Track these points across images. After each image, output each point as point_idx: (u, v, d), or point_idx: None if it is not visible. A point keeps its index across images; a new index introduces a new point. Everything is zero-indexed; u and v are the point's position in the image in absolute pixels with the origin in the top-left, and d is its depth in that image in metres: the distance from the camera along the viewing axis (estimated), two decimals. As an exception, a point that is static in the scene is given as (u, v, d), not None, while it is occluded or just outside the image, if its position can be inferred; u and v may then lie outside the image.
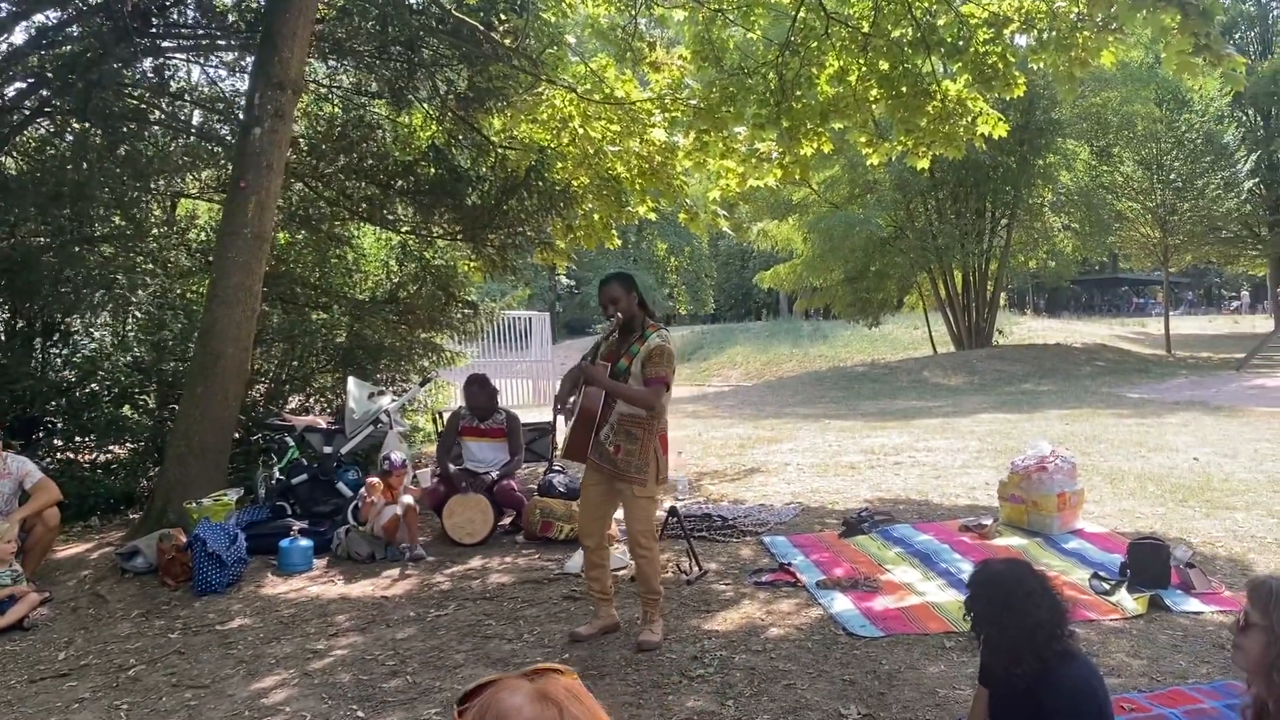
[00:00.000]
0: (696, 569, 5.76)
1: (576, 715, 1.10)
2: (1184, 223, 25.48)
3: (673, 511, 6.06)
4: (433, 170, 9.80)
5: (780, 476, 8.78)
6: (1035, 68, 8.27)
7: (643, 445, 4.58)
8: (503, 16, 9.02)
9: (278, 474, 7.40)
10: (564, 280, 52.57)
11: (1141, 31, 6.77)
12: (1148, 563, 5.04)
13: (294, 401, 10.36)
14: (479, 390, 7.17)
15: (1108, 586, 5.05)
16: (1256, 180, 27.06)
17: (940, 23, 8.19)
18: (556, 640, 4.81)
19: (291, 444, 7.79)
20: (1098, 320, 41.91)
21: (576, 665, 4.44)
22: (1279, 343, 20.33)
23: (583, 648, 4.67)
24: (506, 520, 7.13)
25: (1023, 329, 31.32)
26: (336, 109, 10.30)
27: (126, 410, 8.79)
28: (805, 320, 38.29)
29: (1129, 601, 4.83)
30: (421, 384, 9.18)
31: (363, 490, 6.62)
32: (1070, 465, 6.36)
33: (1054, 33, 7.58)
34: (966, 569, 5.55)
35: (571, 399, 4.70)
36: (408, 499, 6.41)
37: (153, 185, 9.53)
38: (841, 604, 5.05)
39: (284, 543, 6.23)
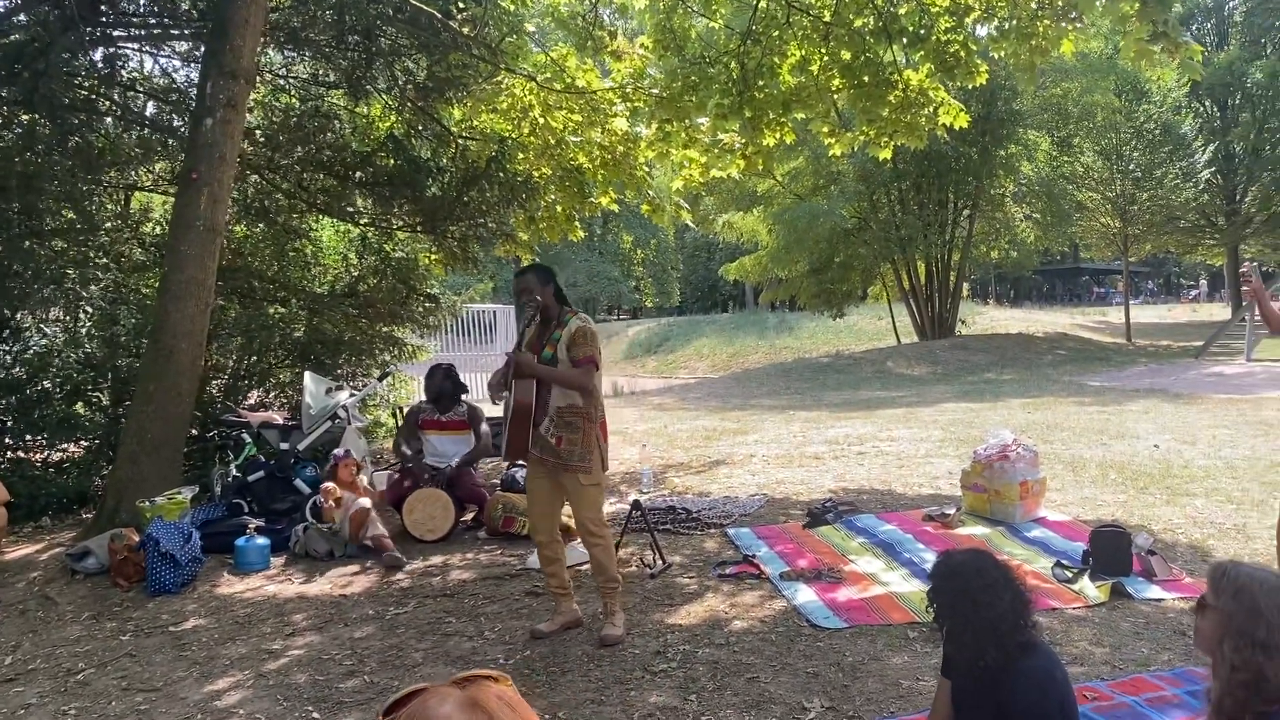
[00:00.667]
0: (660, 562, 5.71)
1: None
2: (1143, 212, 25.78)
3: (636, 505, 6.00)
4: (392, 161, 9.66)
5: (745, 468, 8.75)
6: (996, 57, 8.26)
7: (584, 434, 4.55)
8: (461, 4, 8.90)
9: (234, 471, 7.26)
10: (530, 275, 52.38)
11: (1100, 21, 6.78)
12: (1109, 550, 5.06)
13: (253, 397, 10.20)
14: (444, 379, 7.06)
15: (1070, 575, 5.06)
16: (1214, 171, 27.43)
17: (902, 11, 8.17)
18: (518, 637, 4.75)
19: (248, 441, 7.66)
20: (1059, 309, 42.38)
21: (538, 662, 4.39)
22: (1237, 331, 20.58)
23: (544, 644, 4.61)
24: (468, 516, 7.04)
25: (985, 319, 31.59)
26: (293, 100, 10.12)
27: (79, 408, 8.60)
28: (771, 312, 38.39)
29: (1091, 589, 4.84)
30: (380, 378, 9.05)
31: (318, 496, 6.50)
32: (1032, 454, 6.38)
33: (1015, 21, 7.59)
34: (930, 559, 5.53)
35: (504, 392, 4.65)
36: (365, 502, 6.28)
37: (104, 178, 9.32)
38: (805, 595, 5.02)
39: (240, 541, 6.11)
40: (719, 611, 4.95)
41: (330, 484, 6.45)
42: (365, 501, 6.26)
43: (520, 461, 4.95)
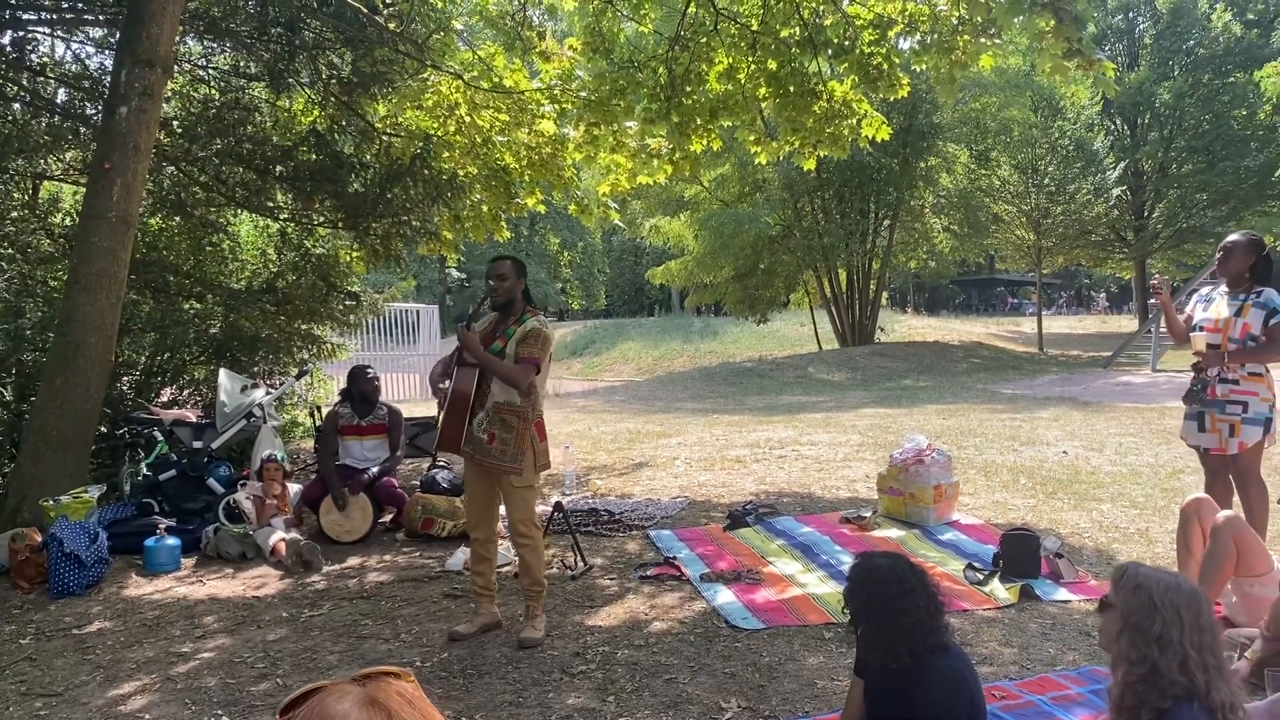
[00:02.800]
0: (582, 564, 5.71)
1: None
2: (1056, 225, 26.53)
3: (558, 507, 6.00)
4: (313, 156, 9.49)
5: (668, 471, 8.79)
6: (918, 70, 8.43)
7: (518, 434, 4.51)
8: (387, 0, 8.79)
9: (144, 470, 7.06)
10: (454, 273, 51.92)
11: (1018, 37, 6.96)
12: (1019, 553, 5.19)
13: (165, 395, 9.93)
14: (362, 383, 6.94)
15: (981, 577, 5.18)
16: (1124, 188, 28.37)
17: (827, 23, 8.29)
18: (435, 640, 4.70)
19: (160, 439, 7.45)
20: (975, 319, 43.35)
21: (456, 664, 4.35)
22: (1143, 342, 21.31)
23: (462, 646, 4.58)
24: (387, 518, 6.94)
25: (903, 327, 32.20)
26: (213, 91, 9.89)
27: (-21, 403, 8.28)
28: (696, 317, 38.58)
29: (1001, 591, 4.96)
30: (298, 376, 8.88)
31: (245, 496, 6.37)
32: (946, 458, 6.52)
33: (936, 35, 7.76)
34: (847, 560, 5.64)
35: (445, 382, 4.61)
36: (281, 534, 6.14)
37: (11, 166, 8.99)
38: (725, 597, 5.06)
39: (149, 541, 5.95)
40: (639, 613, 4.96)
41: (257, 484, 6.35)
42: (281, 537, 6.11)
43: (444, 453, 4.89)
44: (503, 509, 4.84)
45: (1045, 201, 26.14)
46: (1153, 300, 5.52)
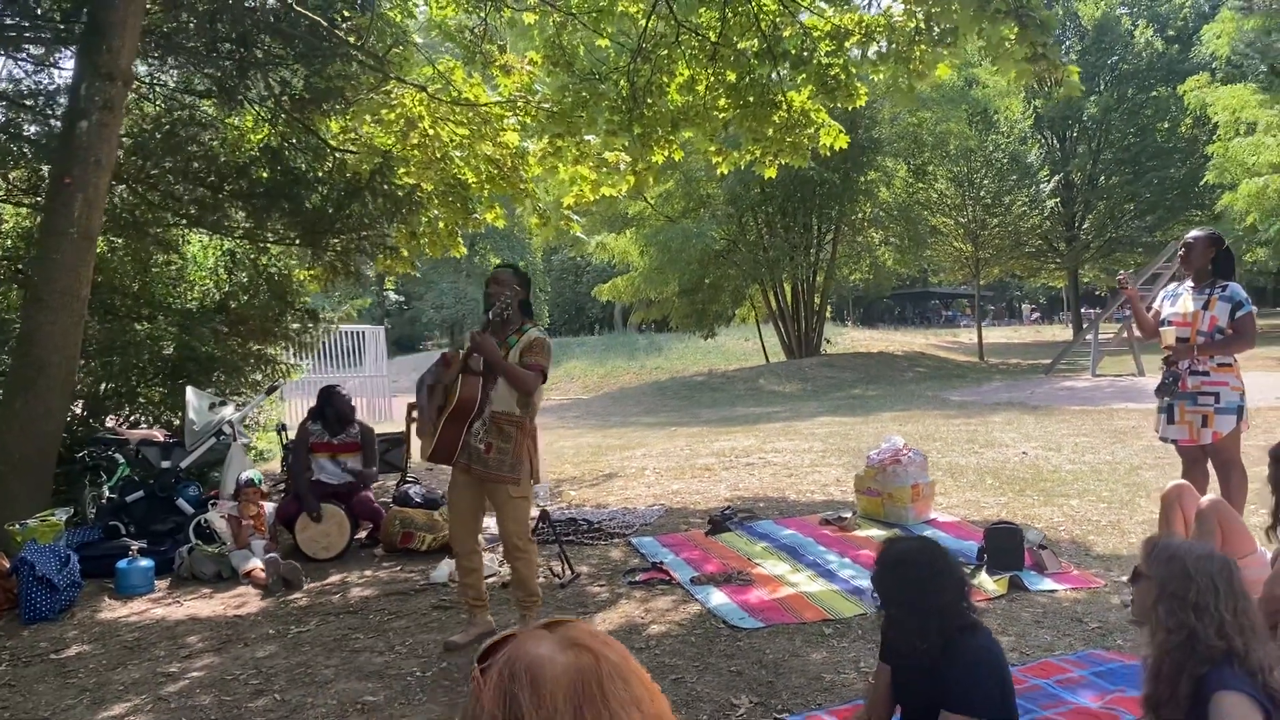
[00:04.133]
0: (569, 572, 5.67)
1: (611, 658, 1.01)
2: (993, 237, 27.15)
3: (544, 516, 5.96)
4: (266, 174, 9.35)
5: (639, 480, 8.79)
6: (875, 79, 8.59)
7: (516, 443, 4.48)
8: (345, 14, 8.72)
9: (108, 493, 6.86)
10: (392, 295, 51.41)
11: (975, 44, 7.12)
12: (1003, 546, 5.28)
13: (112, 421, 9.65)
14: (339, 402, 6.83)
15: (967, 571, 5.25)
16: (1057, 200, 29.16)
17: (785, 34, 8.41)
18: (431, 650, 4.64)
19: (121, 461, 7.26)
20: (912, 331, 44.10)
21: (457, 673, 4.30)
22: (1082, 349, 21.85)
23: (461, 655, 4.52)
24: (363, 533, 6.83)
25: (847, 339, 32.64)
26: (159, 107, 9.70)
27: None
28: (640, 334, 38.67)
29: (989, 583, 5.04)
30: (268, 392, 8.71)
31: (218, 515, 6.24)
32: (921, 458, 6.62)
33: (893, 46, 7.90)
34: (833, 560, 5.70)
35: (433, 398, 4.56)
36: (258, 561, 6.01)
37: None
38: (718, 598, 5.07)
39: (122, 564, 5.78)
40: (634, 617, 4.94)
41: (231, 504, 6.21)
42: (256, 565, 5.98)
43: (433, 464, 4.82)
44: (489, 521, 4.79)
45: (982, 213, 26.76)
46: (1088, 309, 5.68)
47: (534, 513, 6.46)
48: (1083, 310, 35.43)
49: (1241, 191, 21.08)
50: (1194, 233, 5.41)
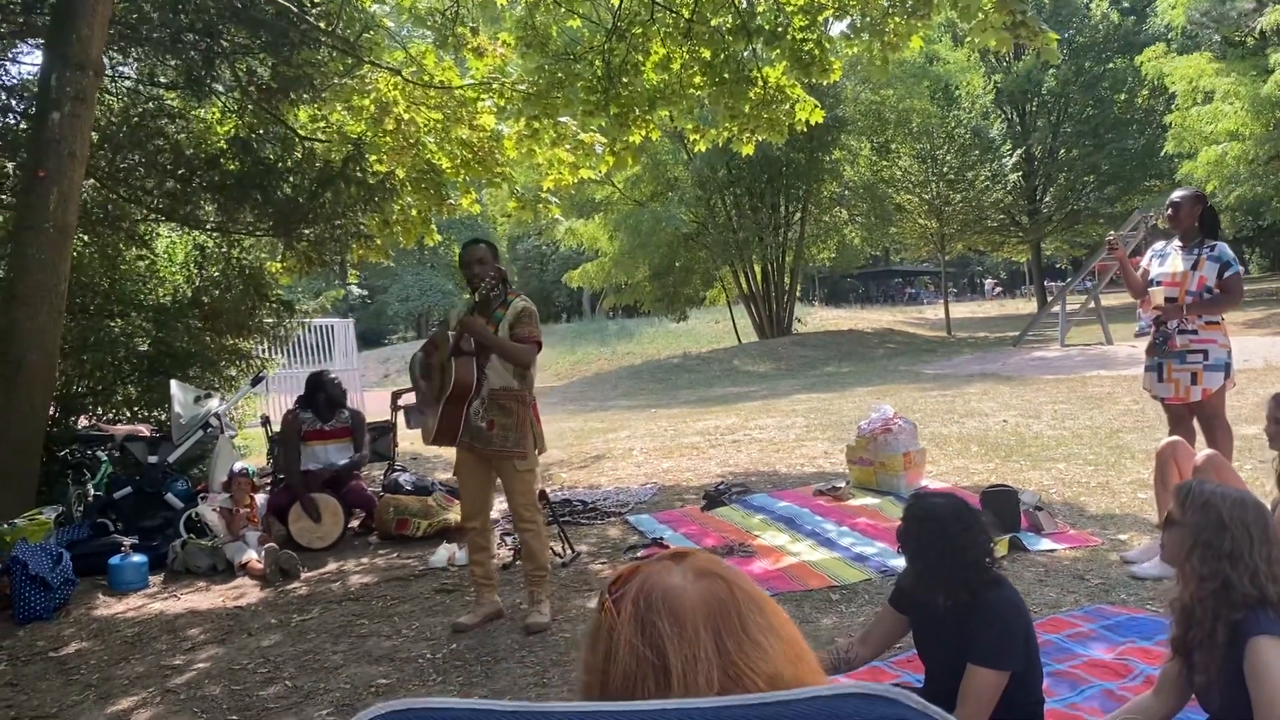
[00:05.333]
0: (569, 551, 5.67)
1: (744, 586, 1.00)
2: (957, 213, 27.36)
3: (543, 495, 5.93)
4: (236, 164, 9.21)
5: (628, 460, 8.79)
6: (849, 53, 8.62)
7: (518, 418, 4.48)
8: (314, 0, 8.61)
9: (93, 490, 6.76)
10: (355, 290, 50.94)
11: (950, 14, 7.15)
12: (1000, 508, 5.31)
13: (85, 420, 9.49)
14: (329, 387, 6.77)
15: (968, 533, 5.30)
16: (1019, 174, 29.41)
17: (759, 10, 8.41)
18: (439, 633, 4.61)
19: (104, 459, 7.15)
20: (877, 309, 44.40)
21: (469, 654, 4.29)
22: (1049, 320, 22.11)
23: (469, 637, 4.50)
24: (355, 522, 6.79)
25: (816, 318, 32.81)
26: (124, 100, 9.52)
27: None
28: (610, 320, 38.63)
29: (990, 544, 5.08)
30: (254, 383, 8.60)
31: (210, 508, 6.17)
32: (911, 426, 6.67)
33: (867, 19, 7.93)
34: (831, 529, 5.73)
35: (425, 381, 4.54)
36: (252, 553, 5.95)
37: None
38: (722, 571, 5.08)
39: (114, 560, 5.70)
40: (640, 592, 4.94)
41: (222, 500, 6.14)
42: (250, 556, 5.92)
43: (435, 447, 4.79)
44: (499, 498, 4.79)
45: (945, 189, 26.96)
46: (1049, 282, 5.73)
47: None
48: (1046, 283, 35.81)
49: (1201, 159, 21.39)
50: (1179, 192, 5.47)
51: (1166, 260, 5.36)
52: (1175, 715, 2.67)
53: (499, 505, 5.62)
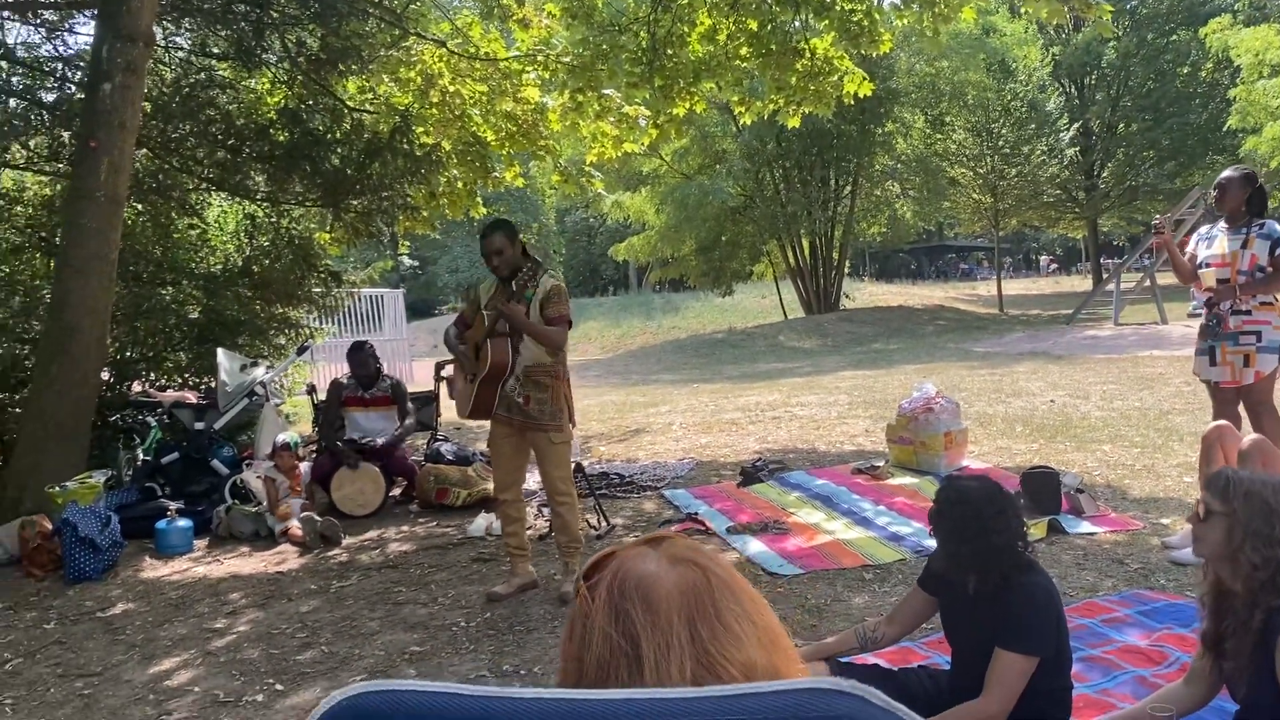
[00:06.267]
0: (605, 524, 5.70)
1: (719, 573, 1.00)
2: (1012, 187, 26.86)
3: (578, 468, 5.96)
4: (285, 135, 9.31)
5: (667, 435, 8.80)
6: (899, 25, 8.47)
7: (553, 392, 4.52)
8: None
9: (142, 455, 6.91)
10: (407, 261, 51.34)
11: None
12: (1040, 490, 5.27)
13: (137, 386, 9.70)
14: (357, 356, 6.87)
15: (1006, 514, 5.24)
16: (1076, 149, 28.78)
17: (808, -21, 8.28)
18: (474, 601, 4.67)
19: (154, 424, 7.30)
20: (930, 285, 43.84)
21: (502, 623, 4.33)
22: (1103, 298, 21.69)
23: (503, 606, 4.55)
24: (397, 490, 6.88)
25: (865, 293, 32.50)
26: (176, 70, 9.65)
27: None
28: (656, 293, 38.58)
29: (1029, 526, 5.02)
30: (299, 352, 8.73)
31: (253, 476, 6.28)
32: (954, 405, 6.59)
33: (918, -11, 7.79)
34: (868, 508, 5.70)
35: (462, 347, 4.59)
36: (295, 520, 6.04)
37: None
38: (756, 546, 5.08)
39: (161, 524, 5.84)
40: (673, 566, 4.96)
41: (266, 475, 6.25)
42: (293, 525, 6.02)
43: (473, 421, 4.85)
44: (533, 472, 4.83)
45: (1000, 164, 26.47)
46: (1105, 259, 5.59)
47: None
48: (1102, 260, 35.10)
49: (1266, 135, 20.73)
50: (1227, 173, 5.33)
51: (1214, 242, 5.22)
52: (1205, 706, 2.63)
53: (534, 478, 5.67)
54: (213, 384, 7.90)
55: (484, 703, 0.73)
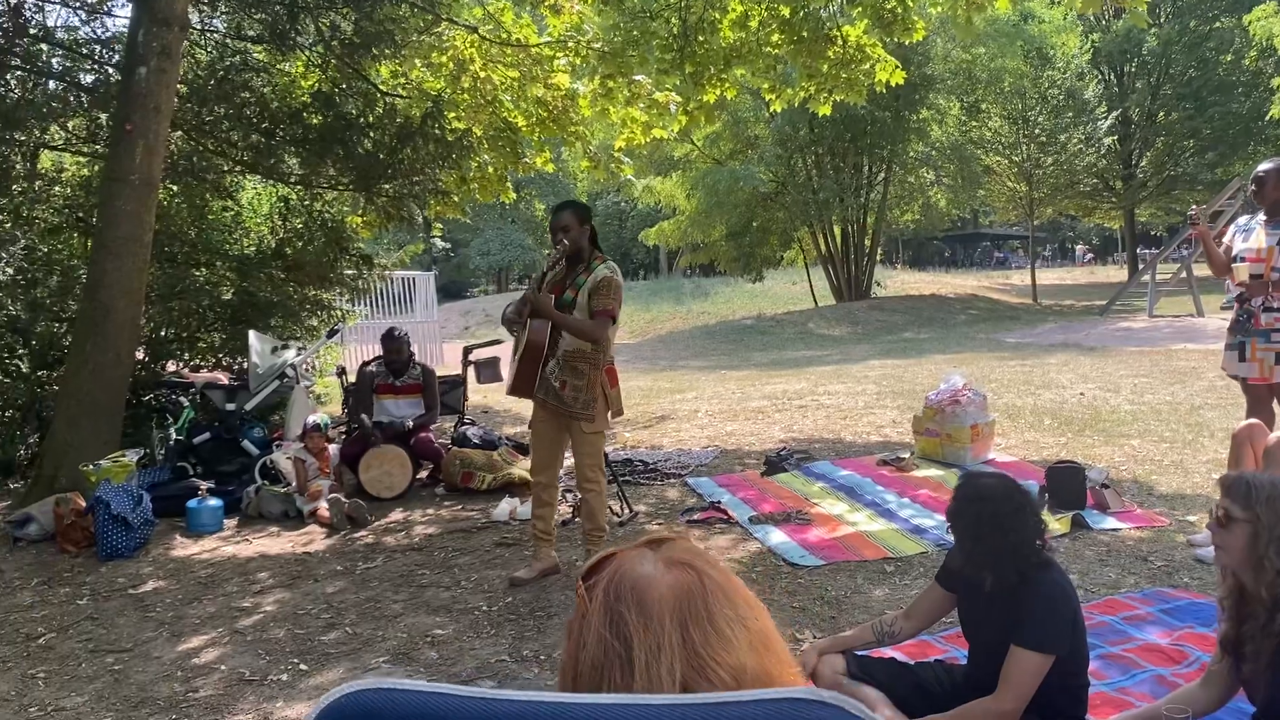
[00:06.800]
0: (627, 510, 5.74)
1: (715, 576, 1.02)
2: (1048, 176, 26.54)
3: (604, 456, 5.99)
4: (319, 118, 9.38)
5: (692, 422, 8.82)
6: (932, 12, 8.39)
7: (589, 381, 4.54)
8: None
9: (174, 434, 7.03)
10: (439, 243, 51.58)
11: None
12: (1065, 485, 5.24)
13: (172, 365, 9.84)
14: (391, 343, 6.94)
15: (1030, 509, 5.22)
16: (1114, 137, 28.37)
17: (841, -33, 8.24)
18: (496, 585, 4.73)
19: (186, 404, 7.42)
20: (963, 274, 43.47)
21: (523, 608, 4.38)
22: (1138, 289, 21.43)
23: (525, 590, 4.60)
24: (424, 473, 6.96)
25: (897, 281, 32.21)
26: (211, 54, 9.75)
27: (-3, 374, 8.20)
28: (686, 278, 38.51)
29: (1052, 522, 5.00)
30: (329, 336, 8.82)
31: (283, 457, 6.37)
32: (981, 398, 6.56)
33: (952, -23, 7.71)
34: (891, 500, 5.70)
35: (516, 327, 4.61)
36: (323, 501, 6.12)
37: (13, 135, 8.84)
38: (778, 537, 5.10)
39: (192, 503, 5.95)
40: (695, 554, 4.98)
41: (296, 456, 6.33)
42: (321, 506, 6.09)
43: (512, 398, 4.90)
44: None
45: (1037, 152, 26.15)
46: (1142, 249, 5.53)
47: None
48: (1139, 250, 34.64)
49: (1311, 125, 20.38)
50: (1264, 165, 5.24)
51: (1251, 235, 5.15)
52: (1221, 708, 2.62)
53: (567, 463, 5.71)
54: (244, 365, 8.00)
55: (474, 704, 0.76)
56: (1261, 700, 2.43)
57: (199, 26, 9.95)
